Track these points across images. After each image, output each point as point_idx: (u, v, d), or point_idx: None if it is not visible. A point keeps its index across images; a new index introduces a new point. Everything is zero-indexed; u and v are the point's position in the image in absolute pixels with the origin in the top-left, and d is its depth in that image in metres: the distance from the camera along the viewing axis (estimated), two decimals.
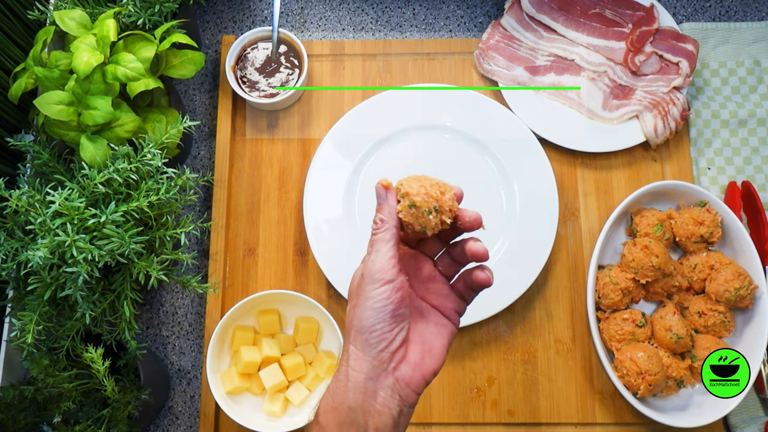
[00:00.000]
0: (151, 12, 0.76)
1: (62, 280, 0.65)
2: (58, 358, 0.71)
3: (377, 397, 0.49)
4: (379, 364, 0.49)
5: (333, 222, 0.84)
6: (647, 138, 0.87)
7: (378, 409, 0.49)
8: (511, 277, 0.81)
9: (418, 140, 0.88)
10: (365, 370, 0.49)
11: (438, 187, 0.51)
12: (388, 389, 0.49)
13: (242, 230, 0.87)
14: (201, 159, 0.91)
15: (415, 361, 0.50)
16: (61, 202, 0.62)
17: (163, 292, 0.86)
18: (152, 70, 0.75)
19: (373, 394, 0.49)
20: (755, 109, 0.89)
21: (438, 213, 0.51)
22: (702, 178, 0.88)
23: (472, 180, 0.86)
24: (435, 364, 0.51)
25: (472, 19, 0.96)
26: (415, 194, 0.50)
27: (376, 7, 0.97)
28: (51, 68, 0.71)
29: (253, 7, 0.97)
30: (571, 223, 0.87)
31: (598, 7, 0.91)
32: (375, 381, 0.49)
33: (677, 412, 0.77)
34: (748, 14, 0.96)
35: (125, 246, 0.65)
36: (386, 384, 0.49)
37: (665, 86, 0.88)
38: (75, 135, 0.70)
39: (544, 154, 0.85)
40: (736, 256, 0.81)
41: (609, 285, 0.79)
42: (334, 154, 0.87)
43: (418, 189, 0.51)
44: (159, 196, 0.68)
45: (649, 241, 0.78)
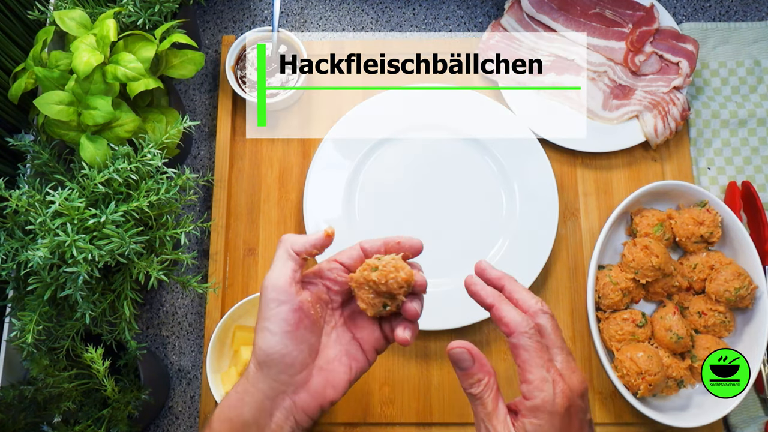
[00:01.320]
0: (151, 12, 0.76)
1: (62, 280, 0.65)
2: (58, 358, 0.71)
3: (273, 416, 0.48)
4: (277, 386, 0.48)
5: (333, 222, 0.84)
6: (647, 138, 0.87)
7: (272, 428, 0.48)
8: None
9: (418, 140, 0.88)
10: (263, 389, 0.48)
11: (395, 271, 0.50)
12: (285, 410, 0.48)
13: (242, 230, 0.87)
14: (201, 159, 0.91)
15: (315, 389, 0.49)
16: (61, 202, 0.62)
17: (163, 292, 0.86)
18: (152, 70, 0.75)
19: (269, 413, 0.48)
20: (755, 109, 0.89)
21: (393, 299, 0.50)
22: (702, 178, 0.88)
23: (472, 180, 0.86)
24: (335, 396, 0.50)
25: (472, 19, 0.96)
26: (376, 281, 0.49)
27: (376, 7, 0.97)
28: (51, 68, 0.71)
29: (253, 7, 0.97)
30: (571, 223, 0.87)
31: (598, 7, 0.91)
32: (272, 401, 0.48)
33: (677, 412, 0.77)
34: (748, 14, 0.96)
35: (125, 246, 0.65)
36: (283, 405, 0.48)
37: (665, 86, 0.88)
38: (75, 135, 0.70)
39: (544, 154, 0.85)
40: (736, 256, 0.81)
41: (609, 285, 0.79)
42: (334, 154, 0.87)
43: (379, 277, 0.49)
44: (159, 196, 0.68)
45: (649, 241, 0.78)
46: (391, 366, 0.81)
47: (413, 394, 0.80)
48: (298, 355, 0.48)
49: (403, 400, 0.80)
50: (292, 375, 0.48)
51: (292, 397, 0.49)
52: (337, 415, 0.79)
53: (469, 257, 0.83)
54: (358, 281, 0.50)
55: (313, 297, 0.51)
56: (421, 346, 0.81)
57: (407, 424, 0.79)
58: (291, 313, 0.48)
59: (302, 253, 0.51)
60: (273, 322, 0.48)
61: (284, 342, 0.48)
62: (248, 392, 0.49)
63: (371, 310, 0.50)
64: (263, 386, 0.48)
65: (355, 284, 0.50)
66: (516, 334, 0.47)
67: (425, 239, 0.84)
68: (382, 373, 0.81)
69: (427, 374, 0.81)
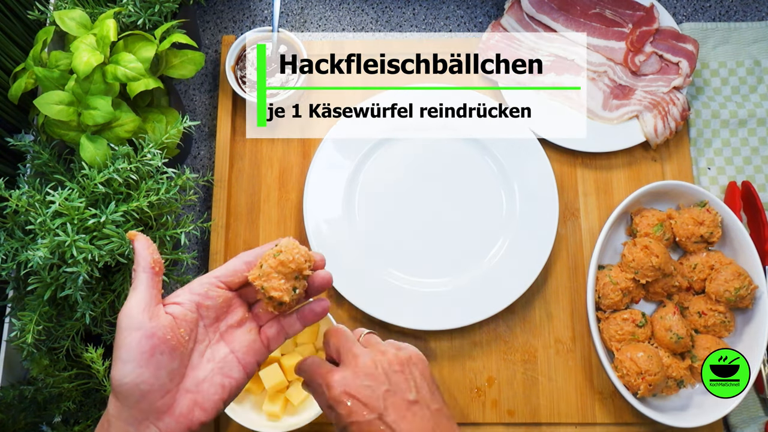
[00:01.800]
0: (151, 12, 0.76)
1: (62, 280, 0.65)
2: (58, 358, 0.71)
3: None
4: (138, 414, 0.47)
5: (333, 222, 0.84)
6: (647, 138, 0.87)
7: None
8: (511, 277, 0.81)
9: (418, 140, 0.88)
10: (125, 417, 0.47)
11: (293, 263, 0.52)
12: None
13: (242, 230, 0.87)
14: (201, 159, 0.91)
15: (181, 412, 0.48)
16: (61, 202, 0.62)
17: (164, 292, 0.86)
18: (152, 70, 0.75)
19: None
20: (755, 109, 0.89)
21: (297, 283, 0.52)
22: (702, 178, 0.88)
23: (472, 180, 0.86)
24: (204, 418, 0.49)
25: (472, 19, 0.96)
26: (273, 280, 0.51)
27: (376, 7, 0.97)
28: (51, 68, 0.71)
29: (253, 7, 0.97)
30: (571, 223, 0.87)
31: (598, 7, 0.91)
32: (137, 427, 0.47)
33: (677, 412, 0.77)
34: (748, 14, 0.96)
35: (125, 246, 0.65)
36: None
37: (665, 86, 0.88)
38: (75, 135, 0.70)
39: (544, 154, 0.85)
40: (736, 256, 0.81)
41: (609, 285, 0.79)
42: (334, 154, 0.87)
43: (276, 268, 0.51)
44: (159, 196, 0.68)
45: (649, 241, 0.78)
46: None
47: None
48: (155, 381, 0.47)
49: None
50: (151, 402, 0.47)
51: (155, 423, 0.48)
52: None
53: (469, 257, 0.84)
54: (265, 272, 0.50)
55: (176, 320, 0.50)
56: (422, 347, 0.81)
57: None
58: (144, 339, 0.47)
59: (148, 266, 0.52)
60: (125, 351, 0.47)
61: (138, 371, 0.47)
62: (111, 424, 0.48)
63: (287, 296, 0.51)
64: (125, 415, 0.47)
65: (261, 279, 0.50)
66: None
67: (425, 239, 0.85)
68: None
69: None
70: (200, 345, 0.51)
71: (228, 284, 0.53)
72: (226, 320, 0.53)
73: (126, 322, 0.48)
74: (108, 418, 0.48)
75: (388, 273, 0.83)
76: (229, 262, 0.53)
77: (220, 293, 0.52)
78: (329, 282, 0.54)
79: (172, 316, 0.50)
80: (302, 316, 0.54)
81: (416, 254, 0.84)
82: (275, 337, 0.54)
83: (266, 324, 0.54)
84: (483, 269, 0.83)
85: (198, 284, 0.52)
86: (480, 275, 0.82)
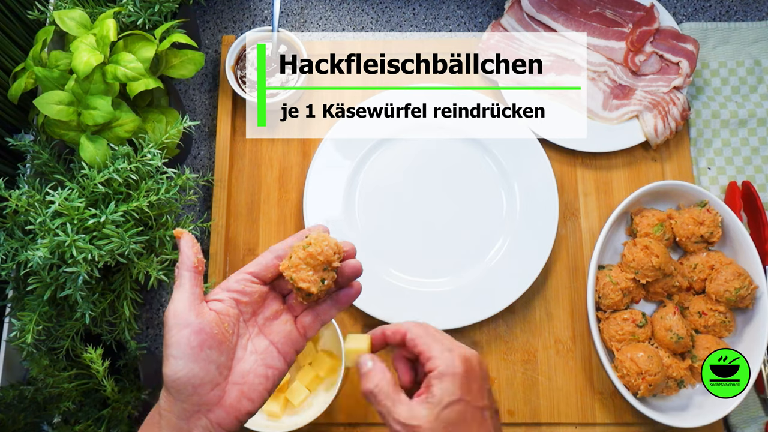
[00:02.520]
0: (151, 12, 0.76)
1: (62, 280, 0.65)
2: (57, 358, 0.71)
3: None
4: (190, 407, 0.49)
5: (333, 222, 0.84)
6: (647, 138, 0.87)
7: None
8: (511, 277, 0.81)
9: (418, 140, 0.88)
10: (176, 411, 0.49)
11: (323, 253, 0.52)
12: (201, 429, 0.49)
13: (242, 230, 0.87)
14: (201, 159, 0.91)
15: (230, 404, 0.50)
16: (61, 202, 0.62)
17: (163, 292, 0.86)
18: (152, 70, 0.75)
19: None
20: (755, 109, 0.89)
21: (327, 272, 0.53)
22: (702, 178, 0.88)
23: (472, 180, 0.86)
24: (251, 408, 0.51)
25: (472, 19, 0.96)
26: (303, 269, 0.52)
27: (376, 7, 0.97)
28: (51, 68, 0.71)
29: (253, 7, 0.97)
30: (571, 223, 0.87)
31: (598, 6, 0.91)
32: (187, 422, 0.49)
33: (677, 412, 0.77)
34: (749, 14, 0.96)
35: (125, 246, 0.65)
36: (199, 424, 0.49)
37: (665, 86, 0.88)
38: (75, 135, 0.70)
39: (544, 154, 0.85)
40: (737, 256, 0.81)
41: (609, 285, 0.79)
42: (334, 154, 0.87)
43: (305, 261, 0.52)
44: (159, 196, 0.68)
45: (649, 241, 0.78)
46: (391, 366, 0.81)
47: None
48: (206, 375, 0.49)
49: None
50: (202, 395, 0.49)
51: (207, 415, 0.49)
52: (337, 415, 0.79)
53: (469, 257, 0.84)
54: (294, 264, 0.51)
55: (219, 316, 0.52)
56: None
57: None
58: (193, 336, 0.49)
59: (191, 265, 0.53)
60: (175, 348, 0.49)
61: (189, 366, 0.49)
62: (163, 416, 0.50)
63: (314, 287, 0.52)
64: (176, 410, 0.49)
65: (291, 270, 0.52)
66: (408, 331, 0.52)
67: (425, 239, 0.85)
68: None
69: None
70: (242, 339, 0.53)
71: (262, 278, 0.54)
72: (263, 313, 0.55)
73: (174, 320, 0.50)
74: (159, 411, 0.50)
75: (388, 273, 0.83)
76: (260, 256, 0.54)
77: (255, 288, 0.54)
78: (359, 272, 0.54)
79: (216, 312, 0.51)
80: (336, 300, 0.55)
81: (416, 254, 0.84)
82: (311, 325, 0.55)
83: (301, 313, 0.56)
84: (483, 269, 0.83)
85: (234, 281, 0.53)
86: (480, 275, 0.82)
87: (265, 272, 0.54)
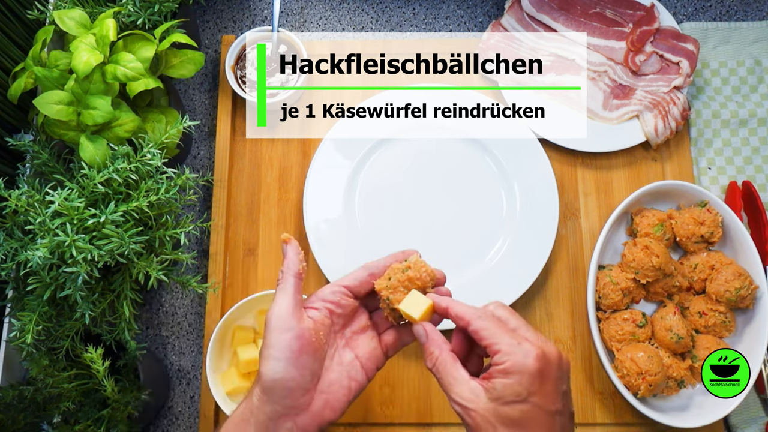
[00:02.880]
0: (150, 12, 0.76)
1: (62, 280, 0.65)
2: (57, 358, 0.71)
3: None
4: (281, 409, 0.51)
5: (333, 222, 0.84)
6: (647, 138, 0.87)
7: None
8: (511, 277, 0.81)
9: (418, 140, 0.88)
10: (267, 411, 0.51)
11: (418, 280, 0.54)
12: (286, 431, 0.51)
13: (242, 230, 0.87)
14: (201, 159, 0.91)
15: (316, 411, 0.52)
16: (61, 202, 0.62)
17: (163, 292, 0.86)
18: (152, 69, 0.75)
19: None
20: (756, 109, 0.89)
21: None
22: (702, 178, 0.88)
23: (472, 180, 0.86)
24: (333, 418, 0.52)
25: (472, 19, 0.96)
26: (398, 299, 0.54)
27: (376, 7, 0.97)
28: (50, 68, 0.71)
29: (253, 7, 0.97)
30: (571, 223, 0.86)
31: (599, 6, 0.91)
32: (275, 422, 0.51)
33: (678, 413, 0.77)
34: (749, 14, 0.96)
35: (125, 246, 0.65)
36: (286, 426, 0.51)
37: (666, 86, 0.88)
38: (75, 135, 0.70)
39: (544, 154, 0.85)
40: (737, 256, 0.81)
41: (609, 285, 0.78)
42: (334, 154, 0.87)
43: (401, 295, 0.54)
44: (159, 196, 0.68)
45: (649, 241, 0.78)
46: (391, 366, 0.81)
47: (413, 395, 0.80)
48: (301, 380, 0.51)
49: (403, 400, 0.80)
50: (295, 399, 0.51)
51: (294, 419, 0.51)
52: None
53: (469, 257, 0.84)
54: (392, 285, 0.54)
55: (315, 324, 0.53)
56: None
57: (407, 424, 0.79)
58: (294, 340, 0.51)
59: (295, 271, 0.56)
60: (277, 350, 0.51)
61: (287, 368, 0.50)
62: (253, 414, 0.51)
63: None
64: (268, 409, 0.51)
65: (388, 290, 0.54)
66: (472, 321, 0.50)
67: (425, 239, 0.85)
68: (382, 373, 0.80)
69: (427, 374, 0.81)
70: (330, 349, 0.55)
71: (355, 293, 0.56)
72: (351, 327, 0.56)
73: (276, 323, 0.52)
74: (251, 408, 0.51)
75: None
76: (356, 271, 0.56)
77: (350, 302, 0.56)
78: (449, 294, 0.56)
79: (313, 321, 0.53)
80: None
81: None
82: (393, 344, 0.57)
83: (385, 332, 0.57)
84: (483, 269, 0.83)
85: (330, 292, 0.55)
86: (480, 275, 0.82)
87: (359, 288, 0.56)
